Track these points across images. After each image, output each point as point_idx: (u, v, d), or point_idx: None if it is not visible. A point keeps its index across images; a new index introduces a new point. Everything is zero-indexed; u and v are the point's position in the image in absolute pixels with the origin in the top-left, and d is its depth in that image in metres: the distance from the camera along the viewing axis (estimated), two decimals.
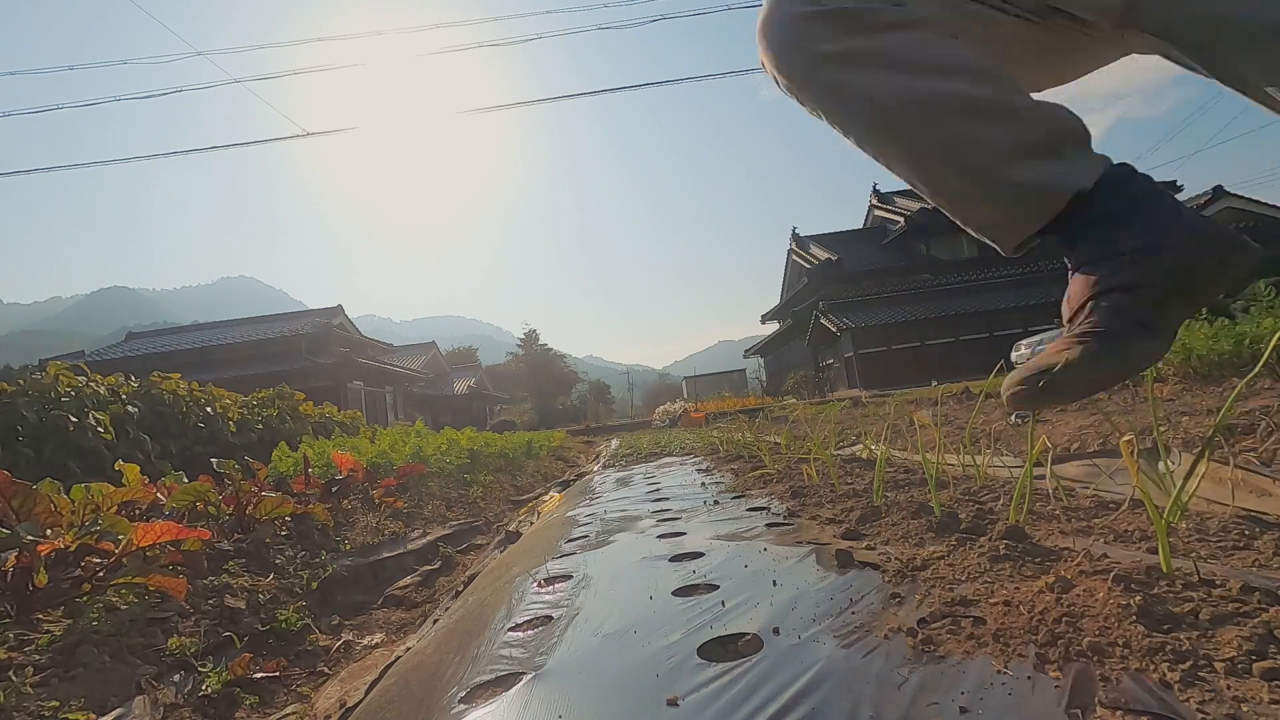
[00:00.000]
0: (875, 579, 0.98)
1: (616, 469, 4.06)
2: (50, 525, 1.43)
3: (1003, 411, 4.15)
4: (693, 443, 5.34)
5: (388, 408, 25.06)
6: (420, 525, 2.81)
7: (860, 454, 2.71)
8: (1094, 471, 1.73)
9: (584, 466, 5.95)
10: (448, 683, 0.86)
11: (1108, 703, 0.56)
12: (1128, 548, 1.03)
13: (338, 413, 7.21)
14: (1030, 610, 0.75)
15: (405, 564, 2.23)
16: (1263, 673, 0.57)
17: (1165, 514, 0.85)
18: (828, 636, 0.78)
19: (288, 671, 1.30)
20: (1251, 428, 1.83)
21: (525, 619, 1.05)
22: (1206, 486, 1.31)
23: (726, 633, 0.84)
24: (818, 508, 1.66)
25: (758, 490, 2.16)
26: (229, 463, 2.43)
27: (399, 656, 1.22)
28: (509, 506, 3.77)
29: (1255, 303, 4.58)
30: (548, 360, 39.82)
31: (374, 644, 1.48)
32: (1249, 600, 0.71)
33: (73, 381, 4.29)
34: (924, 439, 1.85)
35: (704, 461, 3.61)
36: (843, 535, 1.33)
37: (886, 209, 27.58)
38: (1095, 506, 1.34)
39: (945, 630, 0.75)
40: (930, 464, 1.52)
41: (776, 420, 7.40)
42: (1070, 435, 2.46)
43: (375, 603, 1.85)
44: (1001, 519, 1.21)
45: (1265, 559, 0.91)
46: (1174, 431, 2.09)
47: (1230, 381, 3.33)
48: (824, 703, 0.63)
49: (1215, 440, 0.90)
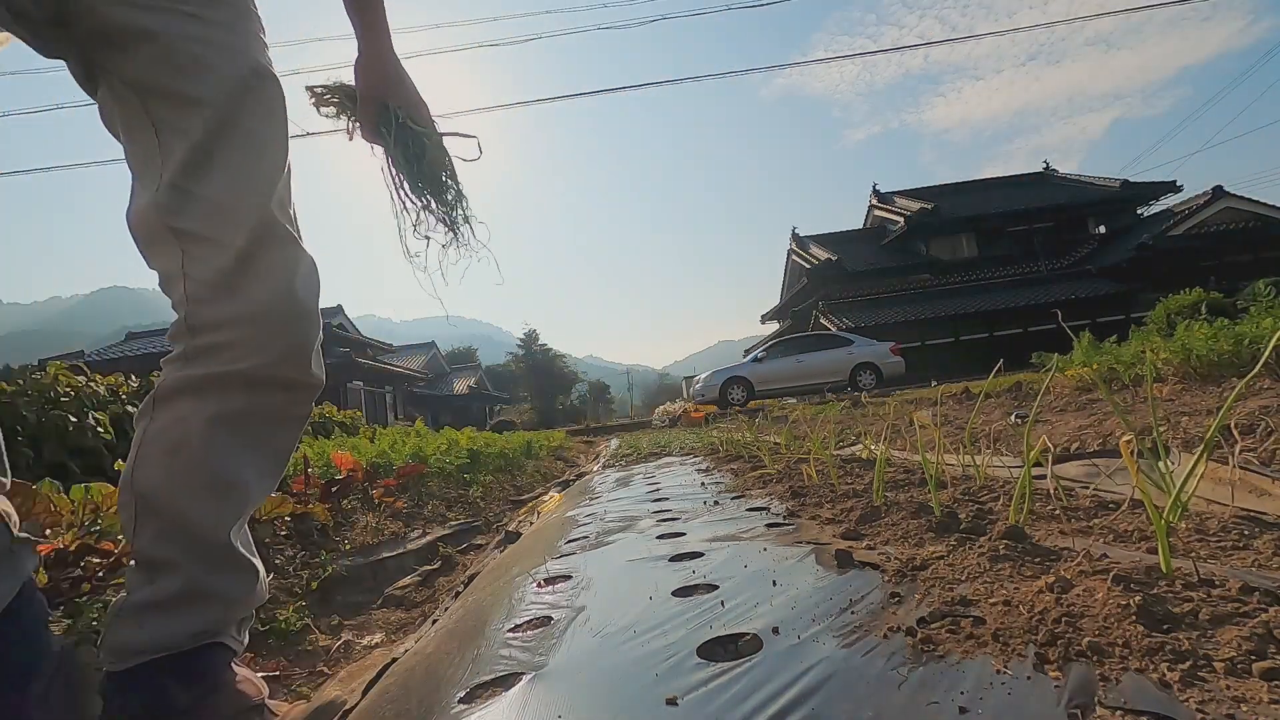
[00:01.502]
0: (875, 579, 0.98)
1: (616, 469, 4.06)
2: (50, 525, 1.43)
3: (1003, 411, 4.16)
4: (693, 443, 5.34)
5: (388, 408, 25.06)
6: (420, 525, 2.81)
7: (860, 454, 2.71)
8: (1094, 471, 1.73)
9: (584, 466, 5.95)
10: (447, 683, 0.86)
11: (1107, 703, 0.56)
12: (1127, 548, 1.03)
13: (337, 413, 7.21)
14: (1030, 610, 0.75)
15: (405, 564, 2.23)
16: (1262, 673, 0.57)
17: (1165, 514, 0.85)
18: (827, 636, 0.78)
19: (287, 671, 1.30)
20: (1251, 428, 1.83)
21: (525, 619, 1.05)
22: (1206, 486, 1.31)
23: (726, 633, 0.84)
24: (817, 508, 1.66)
25: (757, 490, 2.16)
26: None
27: (398, 657, 1.22)
28: (509, 506, 3.77)
29: (1255, 303, 4.58)
30: (547, 360, 39.83)
31: (374, 644, 1.48)
32: (1249, 600, 0.71)
33: (72, 381, 4.29)
34: (923, 439, 1.85)
35: (704, 462, 3.61)
36: (842, 535, 1.33)
37: (886, 209, 27.59)
38: (1095, 506, 1.34)
39: (945, 630, 0.75)
40: (930, 464, 1.52)
41: (776, 420, 7.40)
42: (1070, 435, 2.46)
43: (375, 603, 1.85)
44: (1001, 519, 1.21)
45: (1265, 559, 0.91)
46: (1173, 432, 2.09)
47: (1230, 382, 3.33)
48: (823, 702, 0.63)
49: (1215, 440, 0.90)
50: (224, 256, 0.80)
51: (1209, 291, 8.15)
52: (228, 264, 0.80)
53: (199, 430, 0.81)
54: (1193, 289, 8.20)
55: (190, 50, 0.80)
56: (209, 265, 0.80)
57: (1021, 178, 29.32)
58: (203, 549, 0.82)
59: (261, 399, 0.85)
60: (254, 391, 0.84)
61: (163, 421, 0.82)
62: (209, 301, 0.81)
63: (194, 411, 0.81)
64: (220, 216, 0.81)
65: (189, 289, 0.81)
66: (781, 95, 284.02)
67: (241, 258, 0.81)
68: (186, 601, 0.81)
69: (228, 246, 0.81)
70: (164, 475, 0.81)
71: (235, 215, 0.82)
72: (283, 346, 0.85)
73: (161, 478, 0.80)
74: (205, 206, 0.81)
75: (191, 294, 0.81)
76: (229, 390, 0.82)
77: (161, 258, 0.83)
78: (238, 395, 0.83)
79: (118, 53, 0.79)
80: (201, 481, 0.81)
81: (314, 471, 3.13)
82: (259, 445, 0.88)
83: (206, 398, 0.82)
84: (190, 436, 0.81)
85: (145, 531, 0.81)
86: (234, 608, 0.87)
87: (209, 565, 0.83)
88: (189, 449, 0.81)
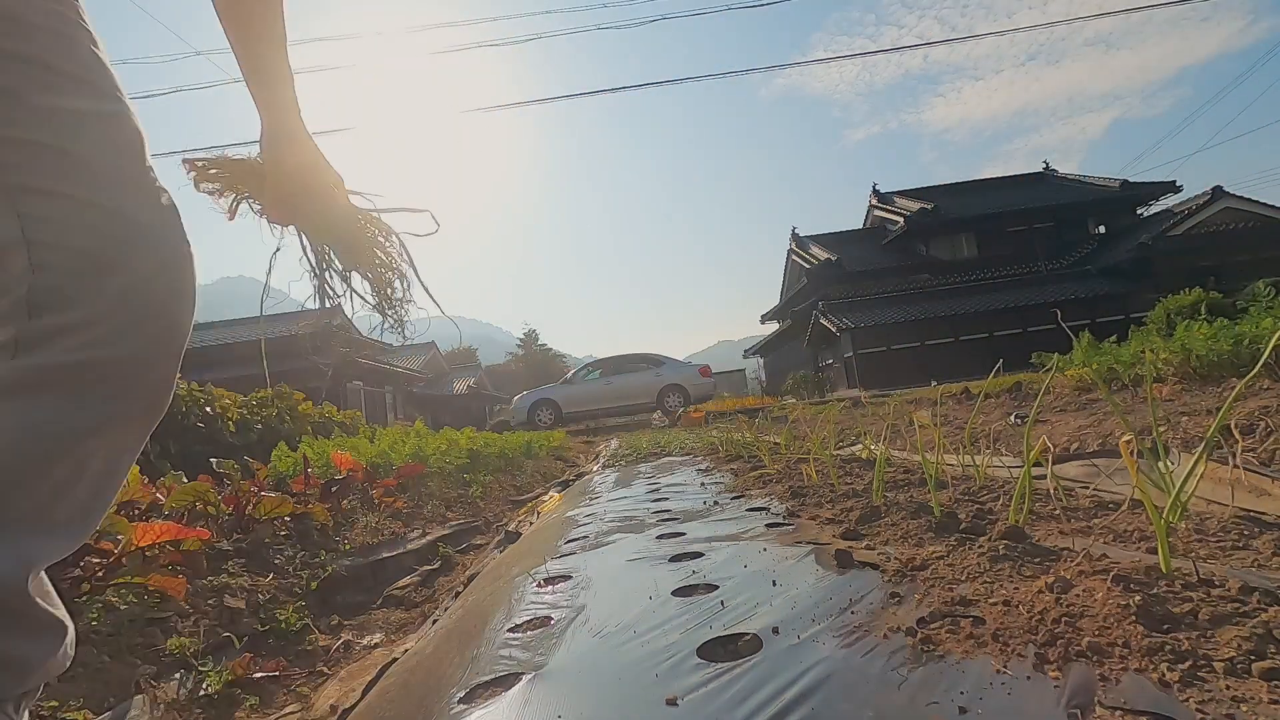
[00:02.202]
0: (875, 579, 0.98)
1: (616, 469, 4.06)
2: None
3: (1002, 411, 4.16)
4: (692, 443, 5.34)
5: (387, 408, 25.06)
6: (420, 525, 2.81)
7: (860, 454, 2.71)
8: (1093, 471, 1.73)
9: (584, 466, 5.95)
10: (447, 683, 0.86)
11: (1107, 703, 0.56)
12: (1127, 548, 1.03)
13: (337, 413, 7.21)
14: (1030, 610, 0.75)
15: (405, 564, 2.23)
16: (1262, 673, 0.57)
17: (1164, 514, 0.85)
18: (827, 636, 0.78)
19: (287, 671, 1.30)
20: (1251, 428, 1.83)
21: (525, 619, 1.05)
22: (1206, 486, 1.31)
23: (726, 633, 0.84)
24: (817, 508, 1.66)
25: (757, 490, 2.16)
26: (228, 462, 2.43)
27: (398, 657, 1.22)
28: (509, 506, 3.77)
29: (1255, 303, 4.58)
30: (547, 360, 39.83)
31: (373, 644, 1.48)
32: (1248, 600, 0.71)
33: None
34: (923, 439, 1.85)
35: (704, 461, 3.61)
36: (842, 535, 1.33)
37: (886, 209, 27.59)
38: (1095, 506, 1.34)
39: (944, 630, 0.75)
40: (930, 464, 1.52)
41: (776, 420, 7.40)
42: (1070, 435, 2.46)
43: (375, 603, 1.85)
44: (1001, 519, 1.21)
45: (1265, 559, 0.91)
46: (1173, 432, 2.09)
47: (1229, 382, 3.33)
48: (823, 702, 0.63)
49: (1215, 440, 0.90)
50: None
51: (1209, 291, 8.15)
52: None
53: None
54: (1192, 289, 8.20)
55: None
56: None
57: (1021, 178, 29.32)
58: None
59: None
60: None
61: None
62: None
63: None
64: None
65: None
66: (781, 95, 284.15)
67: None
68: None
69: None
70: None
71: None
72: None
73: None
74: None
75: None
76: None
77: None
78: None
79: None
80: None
81: (314, 471, 3.13)
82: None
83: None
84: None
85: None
86: (22, 677, 0.65)
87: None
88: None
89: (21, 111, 0.63)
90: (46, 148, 0.64)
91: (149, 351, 0.67)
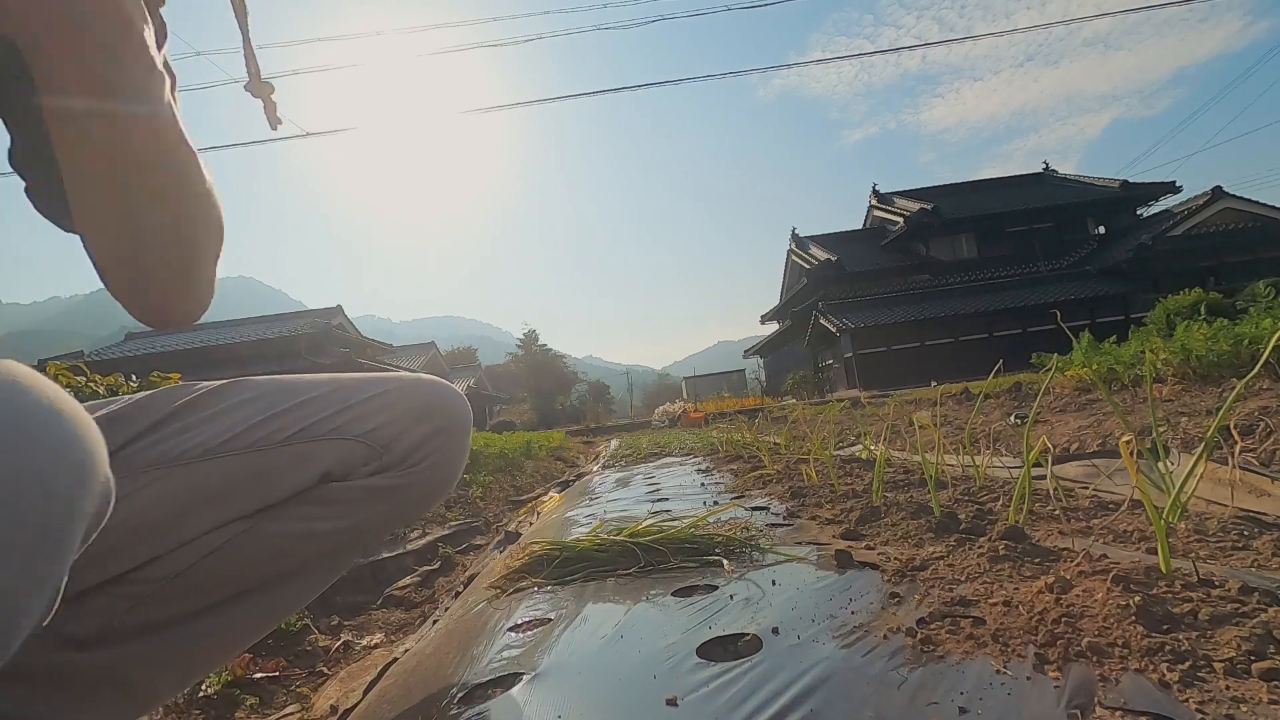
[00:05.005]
0: (874, 579, 0.98)
1: (616, 469, 4.06)
2: None
3: (1002, 412, 4.16)
4: (692, 443, 5.34)
5: None
6: (419, 525, 2.81)
7: (860, 454, 2.71)
8: (1093, 472, 1.73)
9: (583, 467, 5.95)
10: (447, 682, 0.86)
11: (1107, 703, 0.56)
12: (1127, 548, 1.03)
13: None
14: (1029, 610, 0.75)
15: (404, 564, 2.23)
16: (1261, 673, 0.57)
17: (1164, 514, 0.85)
18: (827, 636, 0.78)
19: (287, 672, 1.30)
20: (1251, 428, 1.83)
21: (524, 619, 1.05)
22: (1205, 486, 1.31)
23: (726, 632, 0.84)
24: (817, 508, 1.66)
25: (757, 490, 2.16)
26: None
27: (398, 657, 1.22)
28: (509, 507, 3.77)
29: (1254, 303, 4.58)
30: (547, 360, 39.81)
31: (373, 644, 1.48)
32: (1248, 600, 0.71)
33: (72, 381, 4.28)
34: (923, 439, 1.85)
35: (704, 462, 3.61)
36: (842, 535, 1.33)
37: (886, 209, 27.60)
38: (1095, 507, 1.34)
39: (944, 630, 0.75)
40: (930, 464, 1.52)
41: (776, 420, 7.40)
42: (1070, 435, 2.46)
43: (374, 603, 1.85)
44: (1001, 519, 1.21)
45: (1264, 559, 0.91)
46: (1173, 432, 2.09)
47: (1229, 382, 3.33)
48: (823, 702, 0.63)
49: (1214, 440, 0.90)
50: None
51: (1208, 292, 8.15)
52: None
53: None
54: (1192, 289, 8.20)
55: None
56: None
57: (1021, 178, 29.33)
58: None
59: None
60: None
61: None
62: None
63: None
64: None
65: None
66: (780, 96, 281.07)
67: None
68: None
69: None
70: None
71: None
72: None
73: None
74: None
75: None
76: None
77: None
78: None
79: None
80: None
81: None
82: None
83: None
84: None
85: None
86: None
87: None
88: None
89: None
90: None
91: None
